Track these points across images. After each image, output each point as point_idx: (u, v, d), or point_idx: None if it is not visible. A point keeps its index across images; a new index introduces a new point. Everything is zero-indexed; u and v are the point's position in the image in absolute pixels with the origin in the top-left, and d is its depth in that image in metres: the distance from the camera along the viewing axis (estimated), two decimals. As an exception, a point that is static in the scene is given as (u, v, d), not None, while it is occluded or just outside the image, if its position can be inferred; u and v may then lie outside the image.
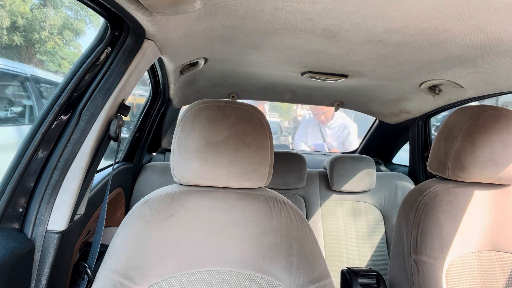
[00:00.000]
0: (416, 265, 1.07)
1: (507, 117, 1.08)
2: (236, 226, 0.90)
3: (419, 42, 1.06)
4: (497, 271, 1.07)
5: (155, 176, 1.96)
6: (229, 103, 0.92)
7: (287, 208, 0.94)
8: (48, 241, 0.83)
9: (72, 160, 0.86)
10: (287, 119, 11.53)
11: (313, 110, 3.51)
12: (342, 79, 1.59)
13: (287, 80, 1.75)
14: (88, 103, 0.89)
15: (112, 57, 0.91)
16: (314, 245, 0.92)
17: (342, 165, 2.08)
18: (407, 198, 1.20)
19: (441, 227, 1.07)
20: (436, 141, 1.19)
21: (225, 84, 1.89)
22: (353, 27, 0.98)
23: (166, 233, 0.86)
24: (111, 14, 0.86)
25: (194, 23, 0.98)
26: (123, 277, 0.81)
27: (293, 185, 2.03)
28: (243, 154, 0.88)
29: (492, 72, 1.23)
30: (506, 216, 1.11)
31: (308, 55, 1.31)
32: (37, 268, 0.81)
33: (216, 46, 1.27)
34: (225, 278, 0.85)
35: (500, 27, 0.90)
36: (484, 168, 1.07)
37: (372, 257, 2.03)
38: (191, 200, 0.91)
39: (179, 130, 0.90)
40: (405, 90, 1.74)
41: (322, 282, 0.87)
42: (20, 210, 0.83)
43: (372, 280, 1.33)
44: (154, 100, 1.85)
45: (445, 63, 1.26)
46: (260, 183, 0.93)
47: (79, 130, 0.87)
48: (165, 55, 1.16)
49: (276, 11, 0.91)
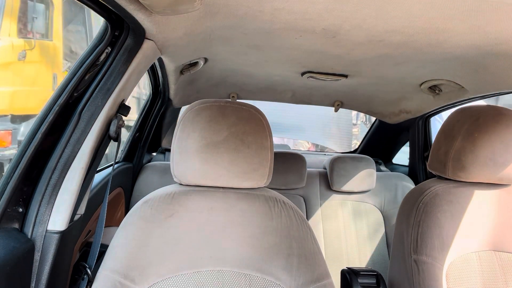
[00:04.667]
0: (416, 265, 1.07)
1: (507, 117, 1.08)
2: (236, 226, 0.89)
3: (419, 42, 1.06)
4: (497, 271, 1.07)
5: (155, 176, 1.96)
6: (229, 103, 0.92)
7: (287, 208, 0.94)
8: (48, 241, 0.83)
9: (72, 160, 0.86)
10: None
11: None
12: (342, 79, 1.59)
13: (287, 80, 1.75)
14: (88, 103, 0.89)
15: (112, 57, 0.91)
16: (314, 245, 0.92)
17: (342, 165, 2.08)
18: (407, 198, 1.20)
19: (441, 227, 1.07)
20: (436, 141, 1.19)
21: (225, 84, 1.89)
22: (353, 27, 0.98)
23: (166, 233, 0.86)
24: (111, 14, 0.86)
25: (194, 23, 0.98)
26: (123, 277, 0.81)
27: (293, 185, 2.03)
28: (243, 154, 0.88)
29: (492, 72, 1.23)
30: (506, 216, 1.11)
31: (308, 55, 1.30)
32: (37, 268, 0.81)
33: (216, 46, 1.27)
34: (225, 278, 0.85)
35: (500, 27, 0.89)
36: (484, 168, 1.07)
37: (372, 257, 2.03)
38: (191, 200, 0.91)
39: (179, 130, 0.90)
40: (405, 90, 1.74)
41: (322, 282, 0.87)
42: (20, 210, 0.83)
43: (372, 280, 1.33)
44: (154, 100, 1.85)
45: (445, 63, 1.26)
46: (260, 183, 0.93)
47: (79, 130, 0.87)
48: (165, 55, 1.16)
49: (276, 11, 0.91)
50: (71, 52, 4.86)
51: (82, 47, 5.01)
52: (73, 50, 4.87)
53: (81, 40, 4.91)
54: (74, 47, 4.90)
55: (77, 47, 4.89)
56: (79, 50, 4.95)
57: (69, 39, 4.71)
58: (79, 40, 4.93)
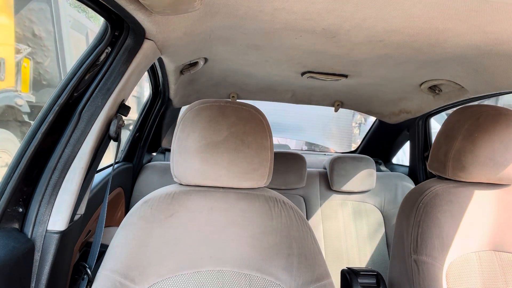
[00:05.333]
0: (416, 265, 1.07)
1: (507, 117, 1.08)
2: (236, 226, 0.89)
3: (419, 42, 1.06)
4: (497, 271, 1.07)
5: (155, 176, 1.97)
6: (229, 103, 0.92)
7: (287, 208, 0.94)
8: (48, 241, 0.83)
9: (72, 160, 0.86)
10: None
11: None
12: (342, 79, 1.59)
13: (287, 80, 1.75)
14: (88, 103, 0.89)
15: (112, 57, 0.91)
16: (314, 245, 0.92)
17: (342, 165, 2.08)
18: (407, 198, 1.20)
19: (441, 227, 1.07)
20: (436, 141, 1.19)
21: (225, 84, 1.89)
22: (353, 27, 0.98)
23: (166, 233, 0.86)
24: (111, 14, 0.86)
25: (194, 23, 0.98)
26: (123, 277, 0.81)
27: (293, 185, 2.03)
28: (243, 154, 0.88)
29: (492, 72, 1.23)
30: (506, 216, 1.11)
31: (308, 55, 1.31)
32: (37, 268, 0.81)
33: (216, 46, 1.27)
34: (225, 278, 0.85)
35: (500, 27, 0.89)
36: (484, 168, 1.07)
37: (372, 257, 2.04)
38: (191, 200, 0.91)
39: (179, 130, 0.90)
40: (405, 90, 1.74)
41: (322, 282, 0.87)
42: (20, 210, 0.83)
43: (372, 280, 1.33)
44: (154, 100, 1.85)
45: (445, 63, 1.26)
46: (260, 183, 0.93)
47: (79, 130, 0.87)
48: (165, 55, 1.16)
49: (276, 11, 0.91)
50: (34, 36, 4.12)
51: (48, 29, 4.27)
52: (36, 34, 4.14)
53: (46, 21, 4.17)
54: (37, 30, 4.15)
55: (41, 29, 4.20)
56: (43, 33, 4.20)
57: (30, 19, 4.01)
58: (43, 20, 4.17)
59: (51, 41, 4.39)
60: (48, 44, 4.39)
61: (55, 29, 4.36)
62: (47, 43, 4.38)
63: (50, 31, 4.34)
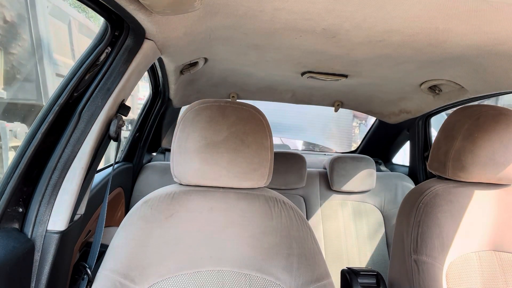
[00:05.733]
0: (416, 265, 1.07)
1: (507, 117, 1.08)
2: (236, 226, 0.89)
3: (419, 42, 1.06)
4: (497, 271, 1.07)
5: (155, 176, 1.97)
6: (229, 103, 0.92)
7: (287, 208, 0.94)
8: (48, 241, 0.83)
9: (72, 160, 0.86)
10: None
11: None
12: (342, 79, 1.59)
13: (287, 80, 1.75)
14: (88, 103, 0.89)
15: (112, 57, 0.91)
16: (314, 245, 0.92)
17: (342, 165, 2.08)
18: (407, 198, 1.20)
19: (441, 227, 1.07)
20: (436, 141, 1.19)
21: (225, 84, 1.89)
22: (353, 27, 0.98)
23: (166, 233, 0.86)
24: (111, 14, 0.86)
25: (194, 23, 0.98)
26: (123, 277, 0.81)
27: (293, 185, 2.03)
28: (243, 154, 0.88)
29: (492, 72, 1.23)
30: (506, 216, 1.11)
31: (308, 55, 1.31)
32: (37, 268, 0.81)
33: (216, 46, 1.27)
34: (225, 278, 0.85)
35: (500, 27, 0.89)
36: (484, 168, 1.07)
37: (372, 257, 2.04)
38: (191, 200, 0.91)
39: (179, 130, 0.90)
40: (405, 90, 1.74)
41: (322, 282, 0.87)
42: (20, 210, 0.83)
43: (372, 280, 1.33)
44: (154, 100, 1.85)
45: (445, 63, 1.26)
46: (260, 183, 0.93)
47: (79, 130, 0.87)
48: (165, 55, 1.16)
49: (276, 11, 0.91)
50: (5, 23, 3.42)
51: (21, 15, 3.61)
52: (7, 20, 3.45)
53: (19, 6, 3.57)
54: (9, 15, 3.45)
55: (13, 14, 3.52)
56: (16, 19, 3.56)
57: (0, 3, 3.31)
58: (15, 5, 3.56)
59: (25, 29, 3.67)
60: (22, 31, 3.66)
61: (29, 15, 3.61)
62: (21, 31, 3.65)
63: (24, 18, 3.60)
